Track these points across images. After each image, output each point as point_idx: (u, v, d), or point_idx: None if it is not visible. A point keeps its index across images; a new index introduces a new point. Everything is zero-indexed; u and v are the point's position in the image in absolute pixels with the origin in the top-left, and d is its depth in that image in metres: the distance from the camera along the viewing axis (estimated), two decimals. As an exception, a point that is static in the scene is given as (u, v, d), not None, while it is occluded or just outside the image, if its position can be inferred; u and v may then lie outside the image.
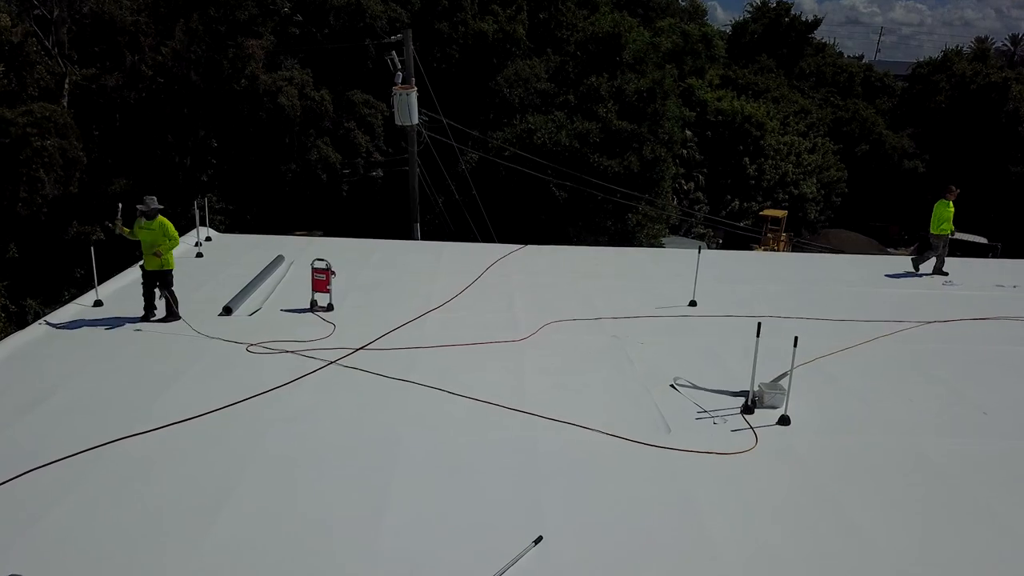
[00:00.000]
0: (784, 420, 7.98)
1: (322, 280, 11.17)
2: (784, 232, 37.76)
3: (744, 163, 41.79)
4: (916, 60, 57.16)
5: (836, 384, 9.14)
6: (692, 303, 12.02)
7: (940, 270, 14.65)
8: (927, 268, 14.70)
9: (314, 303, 11.25)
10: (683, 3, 56.92)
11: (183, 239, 12.38)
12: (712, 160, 42.00)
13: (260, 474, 6.81)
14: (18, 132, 23.08)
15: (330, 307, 11.25)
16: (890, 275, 14.61)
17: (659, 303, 12.09)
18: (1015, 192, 43.72)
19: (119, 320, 10.53)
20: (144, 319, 10.52)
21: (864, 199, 47.47)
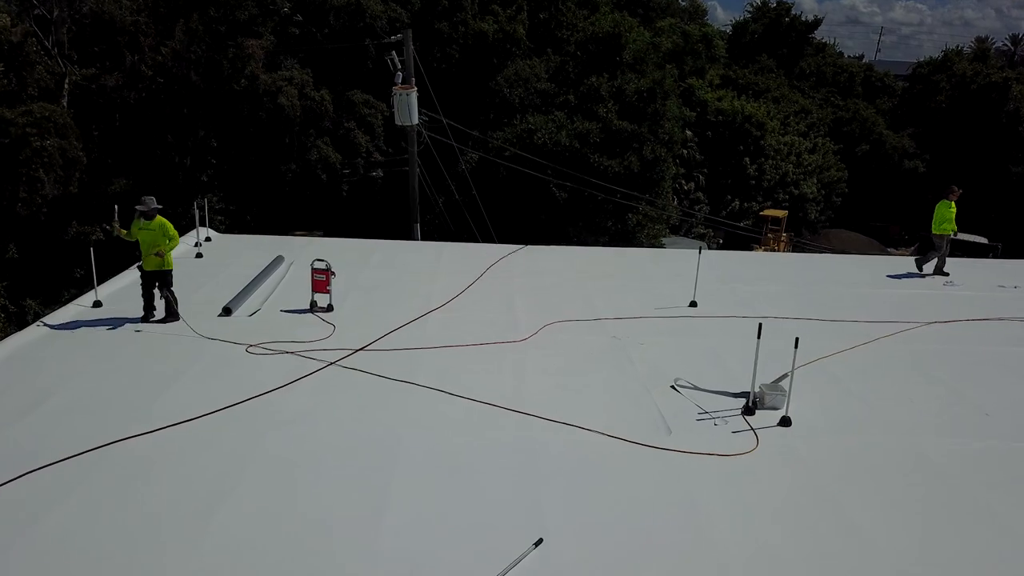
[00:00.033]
0: (785, 421, 7.96)
1: (322, 281, 11.15)
2: (784, 232, 37.74)
3: (744, 163, 41.80)
4: (916, 60, 57.25)
5: (837, 385, 9.12)
6: (693, 304, 12.00)
7: (941, 270, 14.64)
8: (929, 268, 14.69)
9: (314, 304, 11.24)
10: (683, 3, 56.94)
11: (183, 239, 12.37)
12: (712, 160, 42.00)
13: (260, 475, 6.80)
14: (18, 132, 23.06)
15: (330, 308, 11.23)
16: (891, 276, 14.59)
17: (659, 304, 12.07)
18: (1016, 192, 43.73)
19: (118, 321, 10.52)
20: (144, 320, 10.51)
21: (864, 199, 47.49)
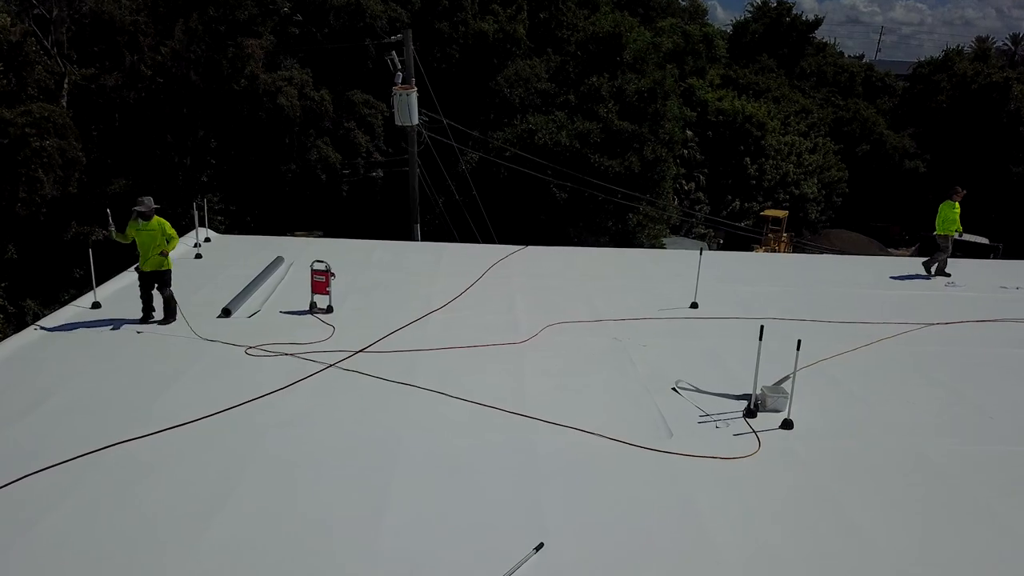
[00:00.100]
0: (787, 424, 7.93)
1: (321, 282, 11.12)
2: (785, 232, 37.71)
3: (745, 163, 41.79)
4: (917, 60, 57.34)
5: (839, 387, 9.09)
6: (694, 305, 11.97)
7: (942, 271, 14.61)
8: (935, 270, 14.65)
9: (313, 305, 11.20)
10: (684, 3, 56.93)
11: (182, 240, 12.33)
12: (713, 160, 41.99)
13: (259, 476, 6.78)
14: (17, 132, 22.99)
15: (330, 309, 11.20)
16: (893, 277, 14.56)
17: (660, 304, 12.04)
18: (1017, 192, 43.72)
19: (117, 322, 10.49)
20: (142, 321, 10.48)
21: (865, 199, 47.50)
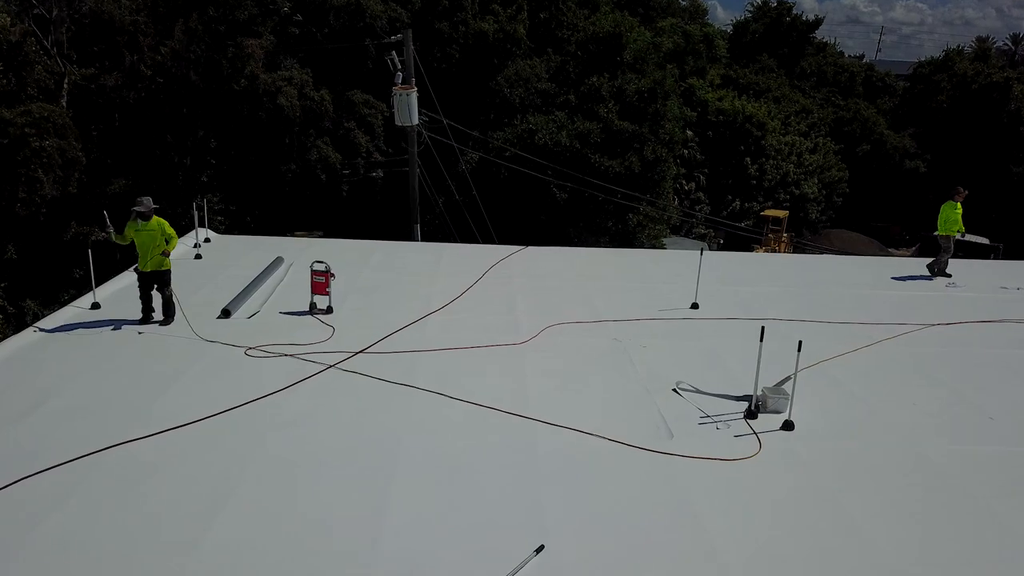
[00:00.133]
0: (788, 425, 7.91)
1: (321, 283, 11.10)
2: (785, 232, 37.68)
3: (745, 163, 41.77)
4: (917, 60, 57.34)
5: (840, 388, 9.08)
6: (694, 305, 11.95)
7: (943, 272, 14.60)
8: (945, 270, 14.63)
9: (313, 306, 11.19)
10: (684, 3, 56.92)
11: (181, 240, 12.32)
12: (713, 160, 41.98)
13: (260, 476, 6.78)
14: (17, 132, 22.98)
15: (329, 310, 11.18)
16: (894, 277, 14.54)
17: (661, 305, 12.02)
18: (1017, 192, 43.70)
19: (117, 322, 10.47)
20: (142, 322, 10.46)
21: (865, 199, 47.48)
